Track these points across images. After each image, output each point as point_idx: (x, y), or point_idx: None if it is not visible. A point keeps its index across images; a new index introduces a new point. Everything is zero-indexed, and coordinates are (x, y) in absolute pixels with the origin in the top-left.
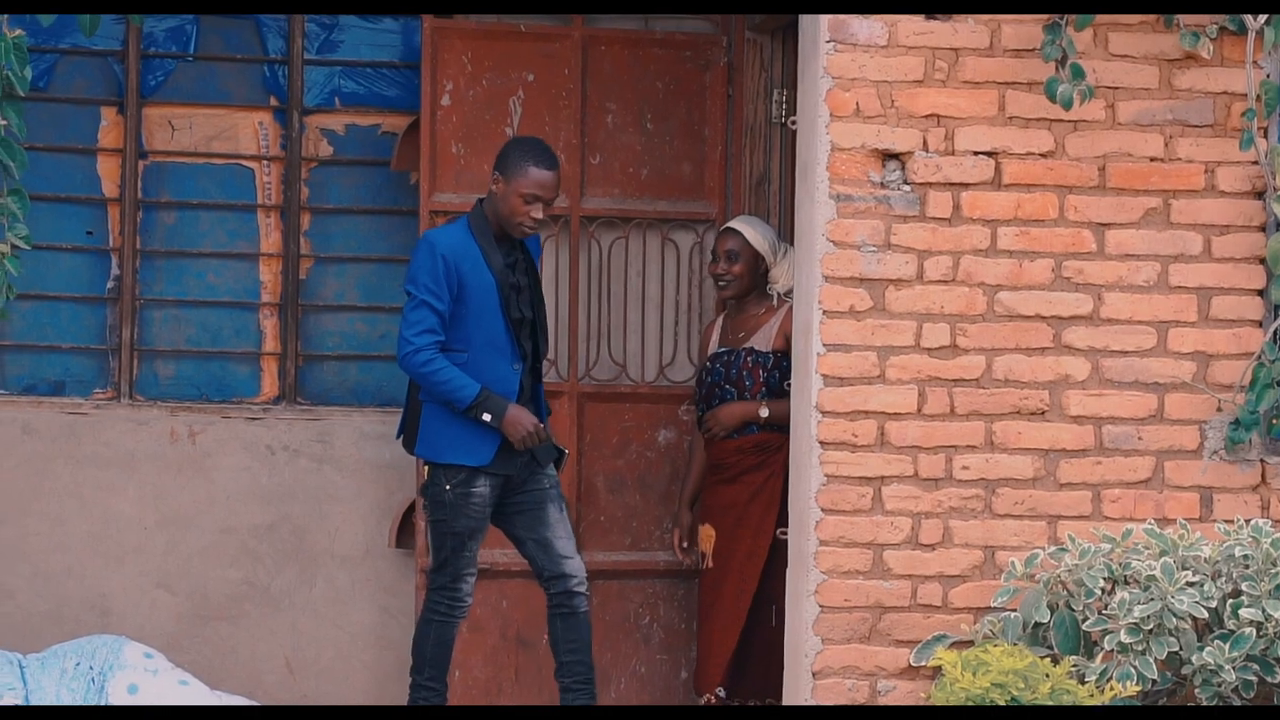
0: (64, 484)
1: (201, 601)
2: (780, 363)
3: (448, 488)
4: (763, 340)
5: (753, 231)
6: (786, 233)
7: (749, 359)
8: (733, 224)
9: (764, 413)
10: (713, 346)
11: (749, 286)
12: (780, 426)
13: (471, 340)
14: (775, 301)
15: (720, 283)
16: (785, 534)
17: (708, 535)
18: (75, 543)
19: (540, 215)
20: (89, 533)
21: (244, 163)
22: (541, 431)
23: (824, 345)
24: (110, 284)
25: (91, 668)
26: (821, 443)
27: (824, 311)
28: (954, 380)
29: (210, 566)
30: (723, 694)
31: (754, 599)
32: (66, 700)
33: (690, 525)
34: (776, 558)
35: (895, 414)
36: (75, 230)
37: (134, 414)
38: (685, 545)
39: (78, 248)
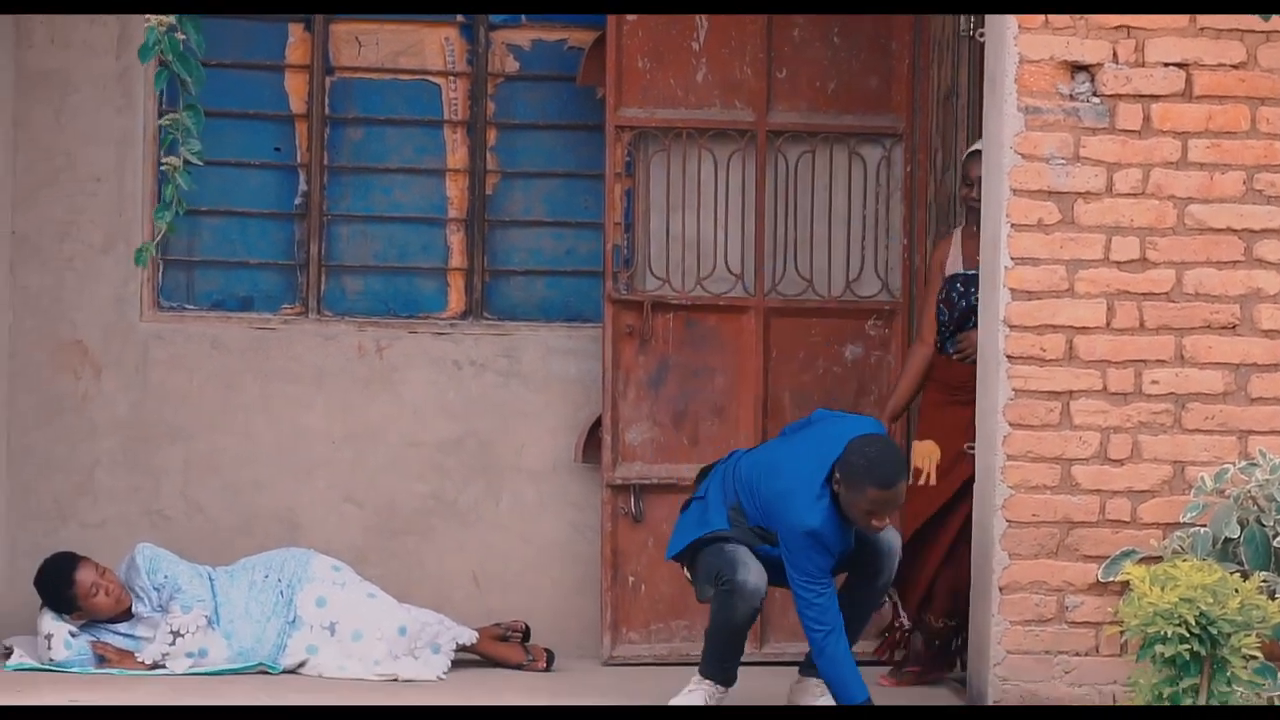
0: (252, 398)
1: (389, 515)
2: None
3: None
4: None
5: None
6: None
7: None
8: (981, 147)
9: None
10: (953, 266)
11: None
12: None
13: None
14: None
15: (974, 206)
16: (973, 449)
17: (929, 451)
18: (264, 456)
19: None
20: (277, 446)
21: (430, 78)
22: None
23: (1012, 259)
24: (298, 200)
25: (280, 580)
26: (1009, 357)
27: (1012, 225)
28: (1143, 294)
29: (397, 480)
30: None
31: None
32: (255, 612)
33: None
34: None
35: (1084, 328)
36: (263, 146)
37: (321, 329)
38: None
39: (266, 164)
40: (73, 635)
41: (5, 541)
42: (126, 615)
